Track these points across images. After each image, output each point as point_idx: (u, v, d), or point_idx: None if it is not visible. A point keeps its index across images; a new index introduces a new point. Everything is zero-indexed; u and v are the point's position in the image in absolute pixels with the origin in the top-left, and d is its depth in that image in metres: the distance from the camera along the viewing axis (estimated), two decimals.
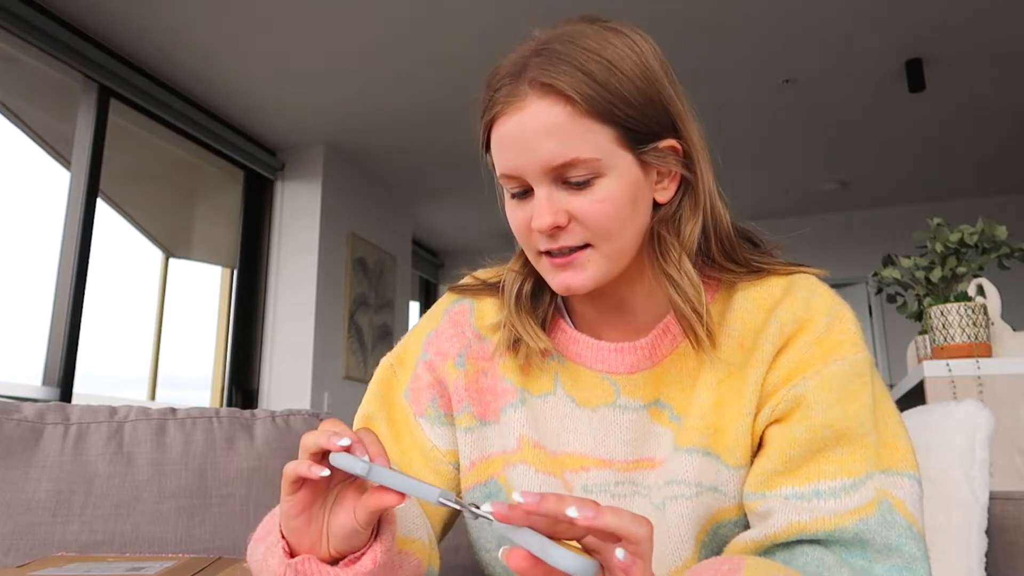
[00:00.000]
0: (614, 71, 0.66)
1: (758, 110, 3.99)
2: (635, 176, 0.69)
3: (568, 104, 0.66)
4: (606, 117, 0.66)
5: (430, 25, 3.16)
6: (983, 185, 5.05)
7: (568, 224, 0.68)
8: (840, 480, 0.67)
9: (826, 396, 0.69)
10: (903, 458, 0.69)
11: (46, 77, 3.18)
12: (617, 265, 0.71)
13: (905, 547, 0.65)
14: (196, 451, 1.12)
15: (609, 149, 0.67)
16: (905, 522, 0.66)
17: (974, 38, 3.28)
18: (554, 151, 0.66)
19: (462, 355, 0.81)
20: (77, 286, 3.01)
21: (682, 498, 0.70)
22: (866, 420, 0.69)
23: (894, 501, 0.66)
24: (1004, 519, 1.02)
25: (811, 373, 0.70)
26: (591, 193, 0.67)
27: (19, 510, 1.01)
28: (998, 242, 1.98)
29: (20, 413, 1.08)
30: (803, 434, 0.68)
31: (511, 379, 0.79)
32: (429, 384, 0.82)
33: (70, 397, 2.96)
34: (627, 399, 0.76)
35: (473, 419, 0.79)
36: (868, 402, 0.70)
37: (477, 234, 5.84)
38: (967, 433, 1.02)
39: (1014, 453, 1.82)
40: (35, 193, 3.29)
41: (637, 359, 0.76)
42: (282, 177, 4.35)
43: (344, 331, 4.33)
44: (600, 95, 0.66)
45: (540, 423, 0.77)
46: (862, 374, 0.71)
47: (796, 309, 0.72)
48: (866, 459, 0.68)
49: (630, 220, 0.69)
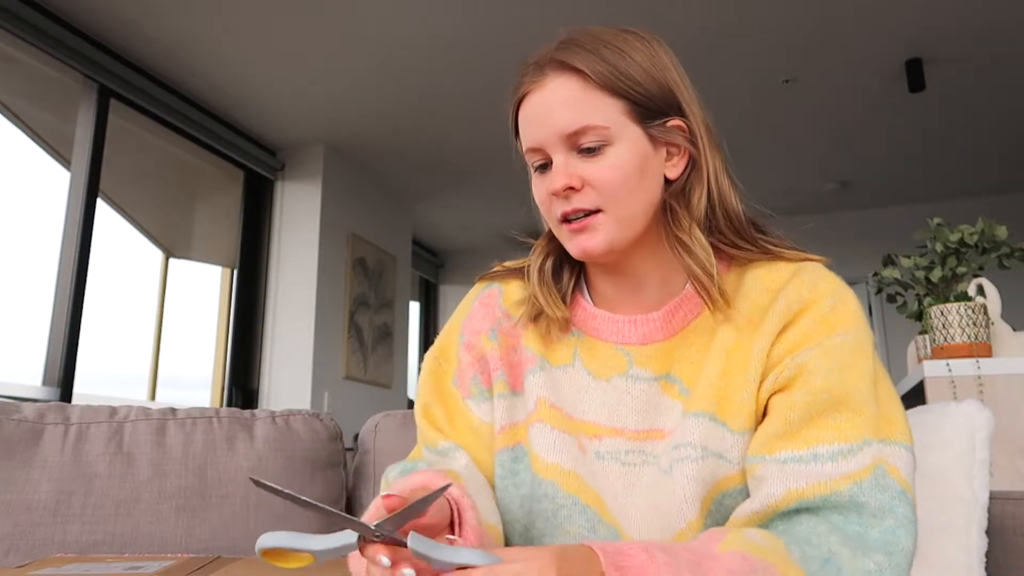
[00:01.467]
0: (624, 56, 0.77)
1: (758, 110, 3.99)
2: (643, 148, 0.77)
3: (581, 78, 0.76)
4: (615, 91, 0.75)
5: (430, 25, 3.16)
6: (983, 185, 5.05)
7: (582, 188, 0.76)
8: (838, 445, 0.69)
9: (827, 364, 0.73)
10: (900, 430, 0.72)
11: (46, 77, 3.18)
12: (628, 230, 0.77)
13: (898, 509, 0.67)
14: (196, 451, 1.12)
15: (618, 120, 0.76)
16: (899, 487, 0.68)
17: (974, 38, 3.28)
18: (569, 119, 0.75)
19: (494, 330, 0.87)
20: (77, 286, 3.01)
21: (688, 460, 0.73)
22: (865, 390, 0.72)
23: (888, 467, 0.69)
24: (1004, 519, 1.02)
25: (813, 344, 0.74)
26: (602, 159, 0.75)
27: (19, 510, 1.01)
28: (998, 242, 1.98)
29: (20, 413, 1.08)
30: (803, 398, 0.72)
31: (532, 348, 0.84)
32: (470, 364, 0.87)
33: (70, 397, 2.96)
34: (639, 370, 0.80)
35: (506, 387, 0.84)
36: (868, 374, 0.73)
37: (477, 234, 5.85)
38: (967, 433, 1.02)
39: (1014, 453, 1.82)
40: (35, 193, 3.29)
41: (649, 331, 0.81)
42: (282, 177, 4.35)
43: (344, 331, 4.33)
44: (610, 72, 0.75)
45: (558, 389, 0.82)
46: (863, 349, 0.74)
47: (803, 289, 0.77)
48: (864, 427, 0.70)
49: (638, 187, 0.76)
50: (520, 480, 0.80)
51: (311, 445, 1.18)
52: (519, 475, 0.81)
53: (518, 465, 0.81)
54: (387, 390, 4.74)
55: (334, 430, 1.24)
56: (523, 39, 3.24)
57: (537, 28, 3.19)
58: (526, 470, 0.80)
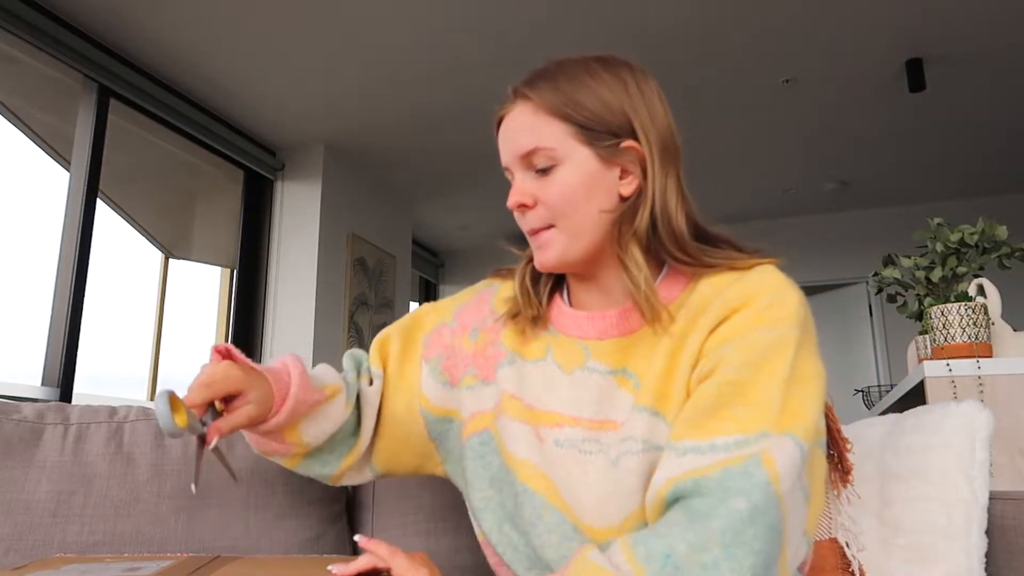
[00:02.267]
0: (580, 84, 0.83)
1: (758, 110, 3.99)
2: (592, 168, 0.83)
3: (534, 105, 0.84)
4: (563, 116, 0.83)
5: (430, 26, 3.16)
6: (983, 185, 5.05)
7: (534, 205, 0.85)
8: (735, 436, 0.71)
9: (743, 356, 0.75)
10: (803, 427, 0.72)
11: (46, 77, 3.18)
12: (578, 244, 0.84)
13: (754, 496, 0.67)
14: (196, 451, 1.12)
15: (565, 142, 0.83)
16: (765, 477, 0.68)
17: (974, 38, 3.28)
18: (522, 141, 0.85)
19: (476, 329, 0.97)
20: (77, 286, 3.01)
21: (631, 454, 0.78)
22: (775, 385, 0.73)
23: (764, 457, 0.69)
24: (1004, 519, 1.02)
25: (738, 338, 0.77)
26: (551, 178, 0.84)
27: (19, 510, 1.00)
28: (998, 242, 1.98)
29: (20, 413, 1.08)
30: (712, 388, 0.75)
31: (507, 345, 0.93)
32: (443, 345, 0.98)
33: (70, 397, 2.96)
34: (595, 363, 0.86)
35: (475, 379, 0.94)
36: (782, 371, 0.74)
37: (477, 234, 5.85)
38: (967, 433, 1.02)
39: (1014, 453, 1.82)
40: (35, 193, 3.29)
41: (606, 326, 0.87)
42: (282, 177, 4.35)
43: (344, 331, 4.33)
44: (560, 99, 0.83)
45: (524, 382, 0.89)
46: (784, 345, 0.75)
47: (745, 287, 0.80)
48: (765, 420, 0.71)
49: (584, 204, 0.83)
50: (488, 462, 0.88)
51: None
52: (486, 458, 0.89)
53: (485, 448, 0.89)
54: None
55: None
56: (523, 39, 3.25)
57: (537, 28, 3.20)
58: (493, 453, 0.88)
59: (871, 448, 1.11)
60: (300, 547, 1.10)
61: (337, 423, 0.92)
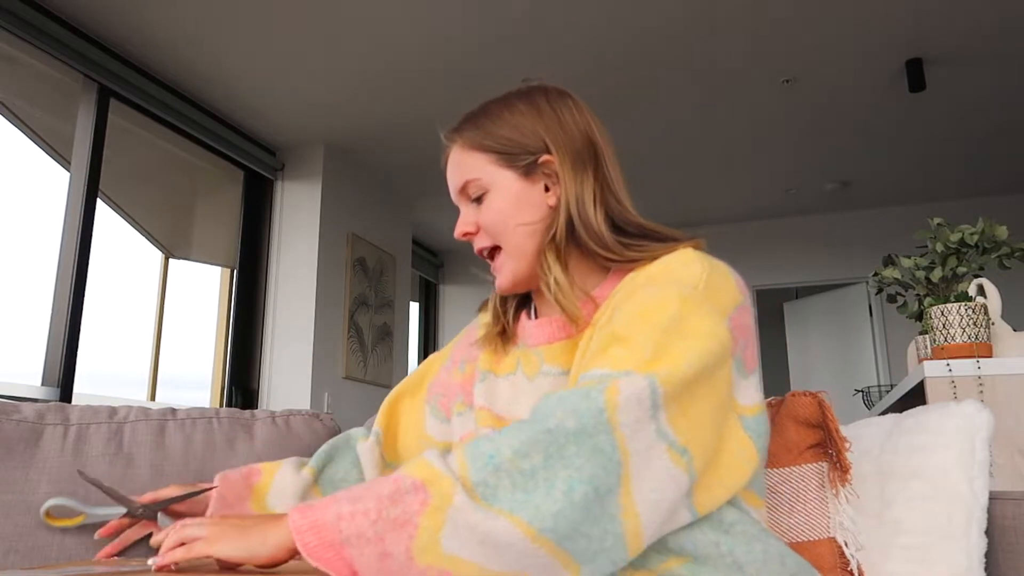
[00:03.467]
0: (496, 118, 0.94)
1: (758, 110, 3.99)
2: (517, 187, 0.92)
3: (459, 144, 0.95)
4: (482, 147, 0.93)
5: (430, 25, 3.16)
6: (983, 185, 5.05)
7: (477, 231, 0.95)
8: (603, 370, 0.73)
9: (628, 308, 0.79)
10: (665, 369, 0.71)
11: (46, 77, 3.18)
12: (523, 261, 0.92)
13: (584, 418, 0.67)
14: (196, 452, 1.12)
15: (489, 170, 0.92)
16: (600, 403, 0.68)
17: (974, 38, 3.28)
18: (456, 178, 0.96)
19: (463, 361, 1.05)
20: (77, 286, 3.01)
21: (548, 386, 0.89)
22: (649, 332, 0.74)
23: (608, 386, 0.69)
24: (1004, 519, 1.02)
25: (630, 298, 0.81)
26: (484, 204, 0.93)
27: (19, 511, 1.00)
28: (998, 242, 1.98)
29: (20, 413, 1.08)
30: (600, 335, 0.81)
31: (481, 364, 0.99)
32: (442, 382, 1.07)
33: (70, 397, 2.96)
34: (549, 366, 0.91)
35: (464, 406, 1.00)
36: (659, 321, 0.75)
37: None
38: (967, 433, 1.02)
39: (1014, 453, 1.82)
40: (35, 193, 3.29)
41: (552, 331, 0.93)
42: (282, 177, 4.35)
43: (344, 331, 4.33)
44: (477, 134, 0.94)
45: (494, 394, 0.95)
46: (668, 300, 0.77)
47: (652, 268, 0.85)
48: (632, 360, 0.72)
49: (516, 222, 0.91)
50: None
51: (311, 445, 1.18)
52: None
53: None
54: (387, 390, 4.72)
55: (334, 430, 1.25)
56: (523, 38, 3.25)
57: (537, 28, 3.20)
58: None
59: (871, 448, 1.11)
60: None
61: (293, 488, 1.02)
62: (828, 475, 1.04)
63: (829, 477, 1.04)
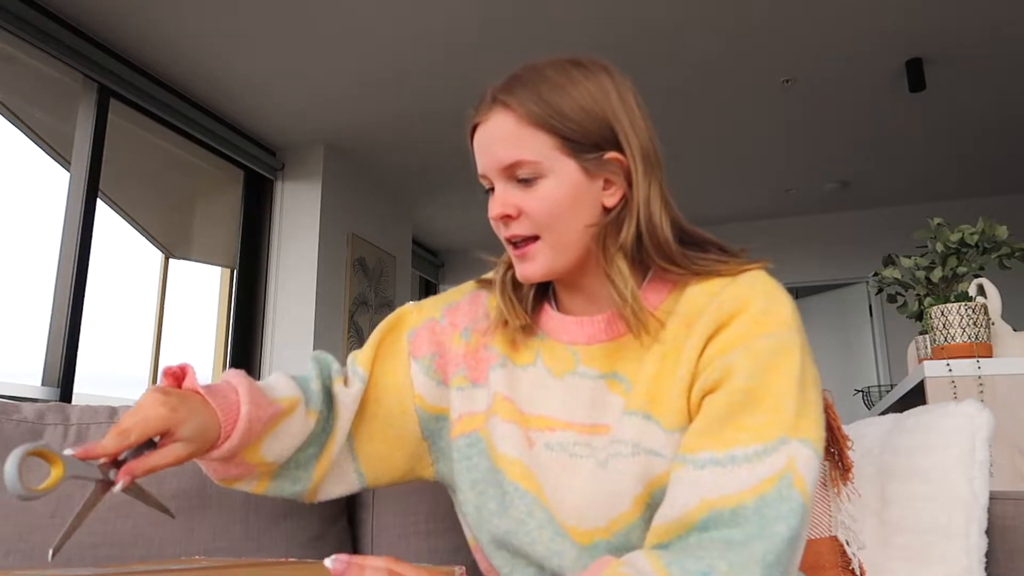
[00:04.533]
0: (563, 92, 0.81)
1: (758, 110, 3.99)
2: (577, 180, 0.81)
3: (516, 115, 0.81)
4: (547, 127, 0.80)
5: (430, 25, 3.16)
6: (983, 185, 5.05)
7: (518, 216, 0.83)
8: (754, 447, 0.71)
9: (750, 364, 0.75)
10: (811, 430, 0.73)
11: (46, 77, 3.18)
12: (564, 256, 0.83)
13: (792, 520, 0.69)
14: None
15: (550, 155, 0.81)
16: (800, 499, 0.70)
17: (974, 38, 3.28)
18: (504, 153, 0.82)
19: (468, 329, 0.95)
20: (77, 286, 3.01)
21: (621, 456, 0.79)
22: (785, 390, 0.74)
23: (795, 476, 0.70)
24: (1004, 519, 1.02)
25: (741, 346, 0.76)
26: (535, 190, 0.82)
27: (18, 512, 1.00)
28: (998, 242, 1.98)
29: (20, 413, 1.08)
30: (724, 398, 0.75)
31: (498, 348, 0.92)
32: (435, 343, 0.96)
33: (70, 397, 2.96)
34: (585, 368, 0.86)
35: (466, 381, 0.93)
36: (793, 375, 0.75)
37: (477, 234, 5.84)
38: (967, 433, 1.02)
39: (1014, 453, 1.82)
40: (35, 193, 3.29)
41: (594, 331, 0.87)
42: (282, 177, 4.35)
43: (344, 331, 4.33)
44: (543, 110, 0.80)
45: (515, 385, 0.89)
46: (789, 351, 0.76)
47: (738, 292, 0.80)
48: (780, 425, 0.72)
49: (570, 217, 0.82)
50: (472, 464, 0.89)
51: None
52: (472, 459, 0.89)
53: (472, 451, 0.89)
54: None
55: None
56: (524, 37, 3.24)
57: (537, 26, 3.20)
58: (480, 455, 0.88)
59: (871, 448, 1.11)
60: (300, 547, 1.09)
61: (300, 437, 0.87)
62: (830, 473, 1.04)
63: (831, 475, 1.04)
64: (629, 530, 0.78)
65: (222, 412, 0.79)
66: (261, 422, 0.82)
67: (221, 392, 0.81)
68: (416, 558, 1.14)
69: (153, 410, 0.73)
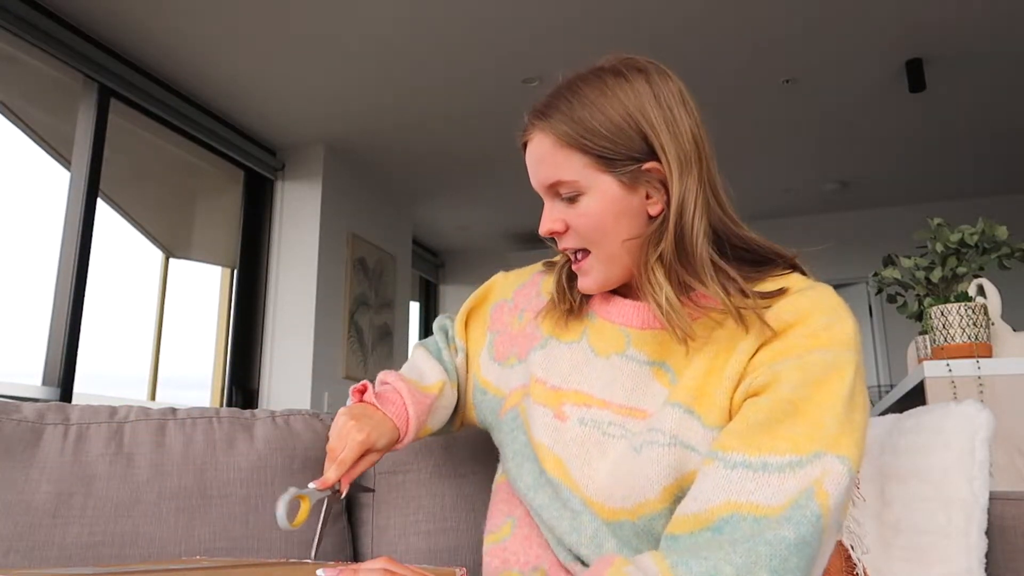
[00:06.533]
0: (593, 109, 0.82)
1: (758, 110, 3.99)
2: (616, 194, 0.83)
3: (552, 137, 0.84)
4: (581, 148, 0.82)
5: (431, 25, 3.16)
6: (983, 185, 5.05)
7: (566, 231, 0.87)
8: (788, 457, 0.71)
9: (799, 376, 0.74)
10: (856, 451, 0.73)
11: (46, 77, 3.18)
12: (614, 267, 0.86)
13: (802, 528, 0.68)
14: (196, 451, 1.12)
15: (586, 173, 0.83)
16: (817, 512, 0.69)
17: (974, 38, 3.28)
18: (544, 174, 0.86)
19: (523, 310, 1.01)
20: (77, 286, 3.01)
21: (656, 444, 0.79)
22: (831, 407, 0.73)
23: (818, 490, 0.69)
24: (1004, 519, 1.02)
25: (793, 356, 0.76)
26: (577, 207, 0.85)
27: (19, 511, 1.00)
28: (998, 242, 1.98)
29: (20, 413, 1.08)
30: (766, 403, 0.74)
31: (544, 328, 0.96)
32: (502, 321, 1.04)
33: (70, 397, 2.96)
34: (635, 351, 0.87)
35: (515, 359, 0.99)
36: (841, 393, 0.74)
37: (477, 234, 5.84)
38: (967, 433, 1.02)
39: (1014, 453, 1.82)
40: (35, 193, 3.29)
41: (650, 317, 0.87)
42: (282, 177, 4.35)
43: (344, 331, 4.33)
44: (574, 130, 0.82)
45: (552, 364, 0.92)
46: (842, 369, 0.75)
47: (801, 303, 0.79)
48: (819, 439, 0.71)
49: (613, 231, 0.84)
50: (514, 438, 0.93)
51: (311, 445, 1.18)
52: (514, 433, 0.94)
53: (514, 424, 0.94)
54: None
55: None
56: (524, 39, 3.25)
57: (538, 29, 3.20)
58: (520, 430, 0.93)
59: (871, 448, 1.11)
60: (300, 547, 1.10)
61: (449, 408, 1.03)
62: None
63: None
64: (654, 517, 0.79)
65: (396, 419, 0.94)
66: (424, 414, 0.97)
67: (391, 400, 0.96)
68: (416, 558, 1.14)
69: (352, 438, 0.88)
